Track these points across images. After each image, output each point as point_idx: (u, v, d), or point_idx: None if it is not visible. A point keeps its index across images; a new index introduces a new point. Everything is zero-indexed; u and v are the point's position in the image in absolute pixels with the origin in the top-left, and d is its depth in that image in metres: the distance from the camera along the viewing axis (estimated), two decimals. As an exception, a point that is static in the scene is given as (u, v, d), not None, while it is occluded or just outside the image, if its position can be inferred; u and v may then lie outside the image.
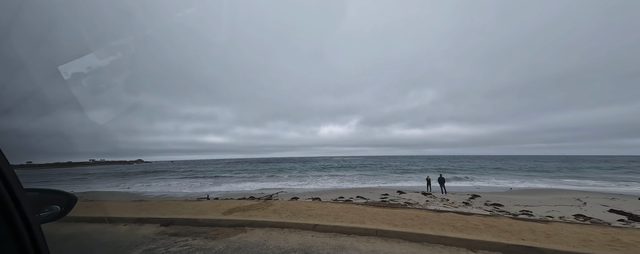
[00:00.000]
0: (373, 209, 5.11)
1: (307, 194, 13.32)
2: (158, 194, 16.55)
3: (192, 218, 4.48)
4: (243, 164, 69.48)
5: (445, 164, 43.55)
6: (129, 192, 17.86)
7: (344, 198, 10.76)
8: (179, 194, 16.04)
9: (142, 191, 18.45)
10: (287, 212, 4.74)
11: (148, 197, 15.50)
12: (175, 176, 32.50)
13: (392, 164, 45.07)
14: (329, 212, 4.68)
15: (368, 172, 28.44)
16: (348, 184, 18.67)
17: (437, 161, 60.52)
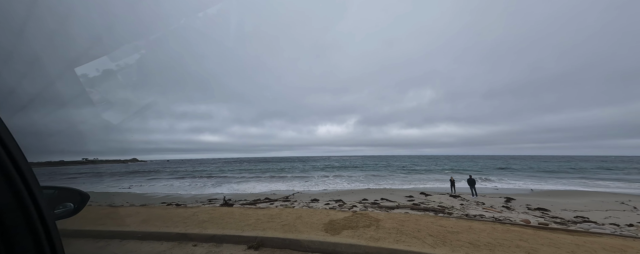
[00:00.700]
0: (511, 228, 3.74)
1: (323, 195, 12.67)
2: (162, 195, 15.68)
3: (292, 238, 3.24)
4: (241, 163, 68.46)
5: (447, 164, 43.52)
6: (130, 192, 16.92)
7: (368, 200, 10.15)
8: (185, 195, 15.22)
9: (143, 191, 17.53)
10: (391, 231, 3.49)
11: (152, 198, 14.63)
12: (174, 175, 31.45)
13: (394, 164, 44.79)
14: (461, 230, 3.49)
15: (374, 172, 27.97)
16: (359, 184, 18.10)
17: (437, 161, 60.64)
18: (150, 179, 27.48)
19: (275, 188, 17.68)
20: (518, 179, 19.39)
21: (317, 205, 9.24)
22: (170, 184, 22.11)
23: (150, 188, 19.41)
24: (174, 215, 4.85)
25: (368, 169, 33.52)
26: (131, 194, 16.39)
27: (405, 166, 40.30)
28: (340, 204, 9.47)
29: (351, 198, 11.13)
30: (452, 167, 33.48)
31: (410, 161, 61.24)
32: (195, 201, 12.99)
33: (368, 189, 15.03)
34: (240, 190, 17.37)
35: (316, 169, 36.75)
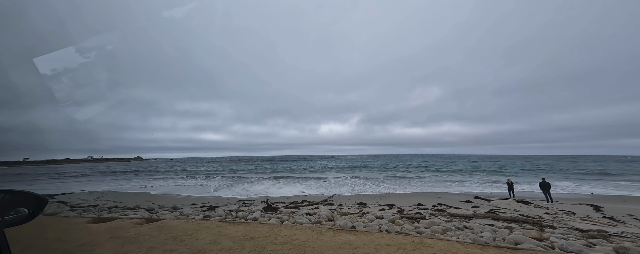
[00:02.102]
0: None
1: (363, 198, 11.65)
2: (182, 196, 14.74)
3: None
4: (245, 162, 67.65)
5: (464, 164, 42.19)
6: (149, 192, 15.97)
7: (425, 206, 9.11)
8: (209, 197, 14.24)
9: (162, 192, 16.58)
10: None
11: (173, 199, 13.69)
12: (185, 175, 30.63)
13: (407, 164, 43.56)
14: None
15: (393, 173, 26.89)
16: (386, 186, 17.09)
17: (452, 161, 59.04)
18: (160, 178, 26.68)
19: (297, 189, 16.71)
20: (558, 181, 18.20)
21: (372, 211, 8.22)
22: (184, 184, 21.24)
23: (167, 188, 18.53)
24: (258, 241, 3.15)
25: (383, 170, 32.43)
26: (150, 194, 15.50)
27: (426, 166, 39.00)
28: (398, 210, 8.44)
29: (402, 202, 10.10)
30: (476, 168, 32.24)
31: (425, 161, 59.78)
32: (225, 202, 12.07)
33: (406, 193, 13.99)
34: (263, 191, 16.42)
35: (328, 169, 35.79)
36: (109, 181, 25.51)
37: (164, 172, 36.67)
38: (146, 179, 26.67)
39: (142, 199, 13.61)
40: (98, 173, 37.08)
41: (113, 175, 33.21)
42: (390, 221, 5.69)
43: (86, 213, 8.31)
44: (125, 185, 21.63)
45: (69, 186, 21.68)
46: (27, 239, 1.99)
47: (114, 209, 9.85)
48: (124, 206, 11.24)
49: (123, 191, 17.26)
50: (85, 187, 19.67)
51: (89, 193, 16.29)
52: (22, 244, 1.91)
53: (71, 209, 10.08)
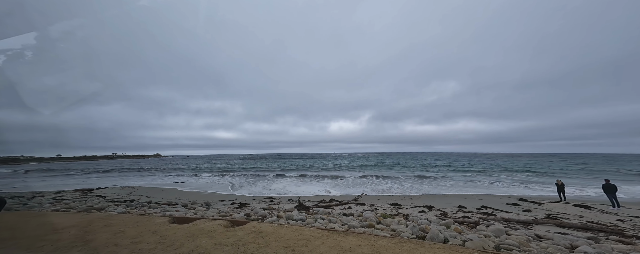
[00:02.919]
0: None
1: (388, 199, 11.13)
2: (209, 192, 14.93)
3: None
4: (258, 160, 68.71)
5: (484, 162, 39.85)
6: (176, 188, 16.39)
7: (467, 209, 8.46)
8: (236, 194, 14.32)
9: (192, 189, 16.97)
10: None
11: (204, 193, 13.90)
12: (205, 172, 31.49)
13: (425, 163, 41.93)
14: None
15: (414, 172, 25.92)
16: (414, 186, 16.37)
17: (468, 159, 56.21)
18: (180, 175, 27.58)
19: (315, 188, 16.45)
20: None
21: (412, 213, 7.73)
22: (207, 182, 21.74)
23: (192, 185, 19.01)
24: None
25: (399, 167, 31.39)
26: (177, 190, 15.92)
27: (447, 164, 37.32)
28: (441, 212, 7.88)
29: (439, 203, 9.50)
30: (501, 167, 30.32)
31: (442, 159, 57.41)
32: (252, 200, 12.04)
33: (437, 195, 13.28)
34: (283, 189, 16.35)
35: (342, 167, 35.32)
36: (136, 177, 26.78)
37: (182, 169, 38.04)
38: (169, 176, 27.71)
39: (172, 195, 13.98)
40: (124, 169, 39.17)
41: (139, 171, 34.89)
42: (445, 226, 5.21)
43: (136, 209, 8.52)
44: (152, 181, 22.54)
45: (103, 181, 22.97)
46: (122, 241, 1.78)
47: (153, 205, 10.12)
48: (158, 201, 11.55)
49: (152, 187, 17.91)
50: (117, 183, 20.70)
51: (121, 188, 17.06)
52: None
53: (111, 203, 10.50)
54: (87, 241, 2.12)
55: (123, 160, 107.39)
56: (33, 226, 2.99)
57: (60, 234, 2.56)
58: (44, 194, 13.58)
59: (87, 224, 3.00)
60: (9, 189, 16.82)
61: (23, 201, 10.39)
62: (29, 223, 3.16)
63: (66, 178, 26.76)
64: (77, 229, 2.72)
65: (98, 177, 27.59)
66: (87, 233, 2.48)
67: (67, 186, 18.46)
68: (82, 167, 46.50)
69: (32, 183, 22.06)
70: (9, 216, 3.62)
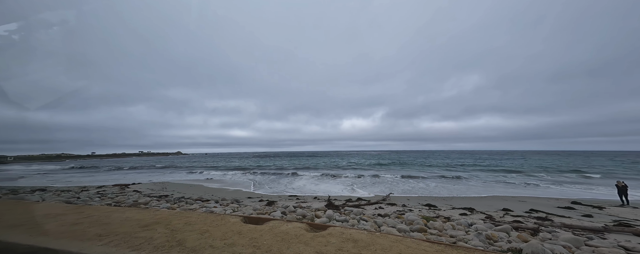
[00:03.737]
0: None
1: (420, 199, 10.61)
2: (238, 188, 15.24)
3: None
4: (272, 158, 69.85)
5: (513, 161, 36.99)
6: (212, 187, 17.01)
7: (513, 212, 7.78)
8: (263, 192, 14.50)
9: (218, 185, 17.51)
10: None
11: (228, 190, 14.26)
12: (225, 169, 32.56)
13: (446, 162, 39.91)
14: None
15: (438, 171, 24.74)
16: (442, 186, 15.57)
17: (493, 157, 52.55)
18: (203, 173, 28.76)
19: (336, 187, 16.21)
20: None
21: (453, 216, 7.24)
22: (230, 179, 22.41)
23: (217, 182, 19.70)
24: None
25: (418, 166, 30.16)
26: (203, 186, 16.52)
27: (473, 163, 35.27)
28: (486, 216, 7.30)
29: (479, 205, 8.87)
30: (543, 166, 27.87)
31: (464, 157, 54.49)
32: (277, 197, 12.14)
33: (475, 196, 12.49)
34: (303, 187, 16.35)
35: (358, 165, 34.75)
36: (164, 174, 28.37)
37: (203, 166, 39.72)
38: (193, 173, 29.06)
39: (200, 191, 14.53)
40: (151, 166, 41.75)
41: (165, 168, 36.96)
42: (505, 233, 4.74)
43: (175, 204, 8.91)
44: (179, 177, 23.74)
45: (136, 177, 24.60)
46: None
47: (188, 200, 10.57)
48: (190, 197, 12.06)
49: (180, 183, 18.82)
50: (149, 179, 22.04)
51: (154, 184, 18.10)
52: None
53: (150, 197, 11.12)
54: (180, 241, 2.00)
55: (148, 157, 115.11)
56: (117, 221, 2.98)
57: (150, 231, 2.48)
58: (89, 189, 14.73)
59: (166, 221, 2.92)
60: (63, 183, 18.57)
61: (76, 195, 11.34)
62: (111, 217, 3.18)
63: (103, 174, 29.05)
64: (162, 227, 2.64)
65: (130, 173, 29.63)
66: (174, 231, 2.38)
67: (106, 182, 19.96)
68: (114, 164, 50.38)
69: (77, 178, 24.19)
70: (90, 210, 3.68)
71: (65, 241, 2.21)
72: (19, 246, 2.16)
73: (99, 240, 2.14)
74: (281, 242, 1.93)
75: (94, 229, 2.46)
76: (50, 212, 3.26)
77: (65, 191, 13.03)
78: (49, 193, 12.39)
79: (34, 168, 40.15)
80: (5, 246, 2.24)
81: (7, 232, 2.53)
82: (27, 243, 2.19)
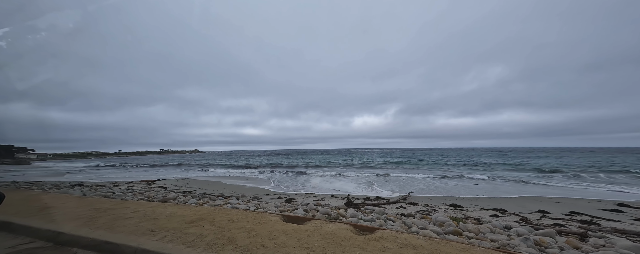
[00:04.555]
0: None
1: (443, 199, 10.16)
2: (255, 185, 15.60)
3: None
4: (284, 156, 70.40)
5: (543, 159, 34.41)
6: (230, 183, 17.58)
7: (551, 214, 7.20)
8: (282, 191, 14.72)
9: (235, 182, 18.01)
10: None
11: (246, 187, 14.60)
12: (240, 167, 33.48)
13: (466, 161, 37.91)
14: None
15: (456, 170, 23.63)
16: (462, 186, 14.84)
17: (518, 155, 49.26)
18: (220, 170, 29.80)
19: (350, 185, 15.99)
20: None
21: (483, 217, 6.84)
22: (246, 176, 22.99)
23: (234, 179, 20.31)
24: None
25: (435, 164, 29.06)
26: (222, 183, 17.09)
27: (498, 162, 33.14)
28: (521, 218, 6.82)
29: (510, 207, 8.33)
30: (577, 165, 25.71)
31: (484, 155, 51.67)
32: (294, 195, 12.26)
33: (504, 198, 11.80)
34: (320, 185, 16.34)
35: (373, 163, 34.14)
36: (184, 170, 29.78)
37: (220, 163, 41.14)
38: (211, 169, 30.23)
39: (220, 187, 15.03)
40: (172, 163, 43.99)
41: (185, 165, 38.75)
42: (551, 238, 4.38)
43: (201, 200, 9.30)
44: (198, 174, 24.82)
45: (159, 173, 26.06)
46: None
47: (211, 196, 11.01)
48: (211, 193, 12.52)
49: (200, 179, 19.62)
50: (172, 175, 23.25)
51: (176, 180, 19.03)
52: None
53: (176, 193, 11.72)
54: (230, 239, 1.98)
55: (168, 155, 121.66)
56: (164, 217, 3.05)
57: (197, 228, 2.49)
58: (119, 184, 15.79)
59: (210, 218, 2.96)
60: (98, 179, 20.15)
61: (109, 190, 12.23)
62: (156, 212, 3.27)
63: (130, 171, 31.07)
64: (207, 224, 2.66)
65: (153, 170, 31.42)
66: (221, 229, 2.39)
67: (133, 178, 21.31)
68: (138, 161, 53.74)
69: (107, 174, 26.10)
70: (135, 205, 3.83)
71: (122, 235, 2.31)
72: (81, 239, 2.31)
73: (153, 235, 2.21)
74: (332, 244, 1.85)
75: (145, 224, 2.55)
76: (101, 206, 3.48)
77: (99, 186, 14.08)
78: (86, 187, 13.45)
79: (77, 165, 43.89)
80: (70, 238, 2.40)
81: (67, 224, 2.71)
82: (89, 236, 2.33)
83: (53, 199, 4.12)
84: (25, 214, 2.92)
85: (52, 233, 2.20)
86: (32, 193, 5.29)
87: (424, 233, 3.68)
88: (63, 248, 2.03)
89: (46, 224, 2.49)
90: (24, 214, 2.91)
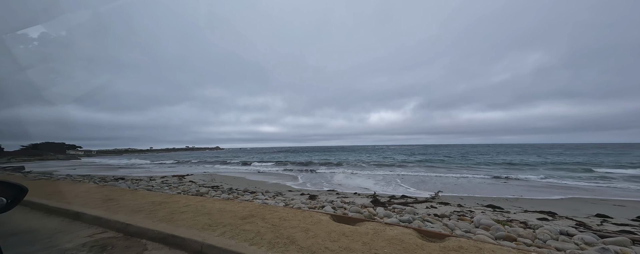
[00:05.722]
0: None
1: (477, 200, 9.43)
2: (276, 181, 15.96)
3: None
4: (300, 153, 71.10)
5: (603, 157, 30.44)
6: (254, 180, 18.25)
7: (610, 219, 6.31)
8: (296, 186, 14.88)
9: (258, 178, 18.56)
10: None
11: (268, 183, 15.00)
12: (261, 163, 34.60)
13: (494, 158, 34.77)
14: None
15: (486, 169, 21.93)
16: (494, 185, 13.76)
17: (565, 151, 44.12)
18: (241, 166, 31.05)
19: (368, 182, 15.61)
20: None
21: (530, 221, 6.21)
22: (267, 172, 23.69)
23: (258, 175, 21.05)
24: None
25: (465, 163, 27.26)
26: (245, 179, 17.76)
27: (540, 159, 30.07)
28: (578, 223, 6.08)
29: (560, 210, 7.50)
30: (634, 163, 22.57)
31: (517, 151, 47.60)
32: (317, 192, 12.33)
33: (553, 199, 10.75)
34: (344, 183, 16.22)
35: (392, 161, 33.10)
36: (209, 166, 31.57)
37: (241, 160, 42.90)
38: (233, 165, 31.69)
39: (243, 183, 15.64)
40: (197, 159, 46.84)
41: (209, 161, 41.06)
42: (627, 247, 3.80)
43: (229, 194, 9.74)
44: (222, 169, 26.15)
45: (188, 169, 27.93)
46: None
47: (239, 191, 11.51)
48: (237, 188, 13.10)
49: (225, 175, 20.65)
50: (199, 170, 24.78)
51: (204, 175, 20.22)
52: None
53: (206, 187, 12.46)
54: (291, 239, 1.89)
55: (193, 152, 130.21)
56: (215, 212, 3.10)
57: (251, 224, 2.46)
58: (155, 178, 17.16)
59: (260, 214, 2.93)
60: (135, 174, 22.22)
61: (148, 184, 13.37)
62: (206, 207, 3.34)
63: (161, 166, 33.71)
64: (260, 220, 2.62)
65: (182, 166, 33.75)
66: (275, 227, 2.33)
67: (165, 173, 23.07)
68: (167, 157, 58.13)
69: (143, 169, 28.59)
70: (184, 200, 3.95)
71: (183, 228, 2.40)
72: (148, 231, 2.45)
73: (212, 230, 2.24)
74: (405, 252, 1.68)
75: (200, 218, 2.63)
76: (155, 199, 3.71)
77: (139, 180, 15.46)
78: (127, 181, 14.85)
79: (118, 161, 48.88)
80: (138, 230, 2.58)
81: (131, 216, 2.91)
82: (155, 229, 2.47)
83: (110, 191, 4.51)
84: (93, 206, 3.24)
85: (121, 224, 2.38)
86: (91, 186, 5.89)
87: (479, 238, 3.38)
88: (133, 238, 2.18)
89: (113, 215, 2.71)
90: (92, 205, 3.22)
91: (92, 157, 73.43)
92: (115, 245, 2.04)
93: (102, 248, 1.99)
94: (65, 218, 2.89)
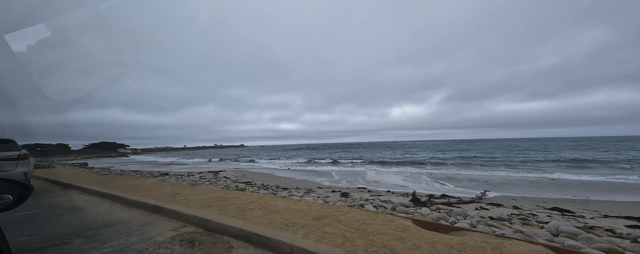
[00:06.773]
0: None
1: (533, 201, 8.29)
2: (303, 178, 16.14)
3: None
4: (322, 150, 70.88)
5: None
6: (282, 176, 18.82)
7: None
8: (339, 185, 14.85)
9: (286, 174, 18.96)
10: None
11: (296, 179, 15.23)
12: (288, 159, 35.54)
13: (541, 156, 30.47)
14: None
15: (532, 167, 19.42)
16: (558, 183, 12.04)
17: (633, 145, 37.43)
18: (267, 162, 32.20)
19: (396, 179, 14.78)
20: None
21: (615, 227, 5.20)
22: (291, 168, 24.19)
23: (285, 171, 21.65)
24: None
25: (507, 161, 24.40)
26: (273, 175, 18.30)
27: (607, 154, 25.71)
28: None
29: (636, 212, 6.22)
30: None
31: (583, 146, 41.41)
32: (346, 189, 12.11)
33: (628, 201, 9.16)
34: (372, 180, 15.77)
35: (416, 157, 31.23)
36: (238, 163, 33.40)
37: (265, 157, 44.59)
38: (258, 162, 33.08)
39: (273, 179, 16.12)
40: (226, 157, 49.93)
41: (237, 158, 43.45)
42: None
43: (265, 190, 10.10)
44: (250, 166, 27.46)
45: (219, 165, 29.93)
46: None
47: (271, 187, 11.94)
48: (268, 184, 13.59)
49: (254, 171, 21.60)
50: (229, 167, 26.34)
51: (235, 171, 21.37)
52: None
53: (242, 183, 13.15)
54: (390, 248, 1.64)
55: (221, 149, 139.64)
56: (283, 210, 3.00)
57: (329, 226, 2.26)
58: (193, 174, 18.60)
59: (333, 215, 2.74)
60: (176, 169, 24.52)
61: (189, 179, 14.59)
62: (270, 205, 3.28)
63: (196, 163, 36.62)
64: (335, 222, 2.43)
65: (213, 163, 36.25)
66: (359, 231, 2.10)
67: (201, 169, 24.98)
68: (199, 155, 63.00)
69: (181, 165, 31.38)
70: (245, 196, 3.96)
71: (262, 227, 2.37)
72: (229, 228, 2.50)
73: (293, 231, 2.15)
74: None
75: (272, 216, 2.57)
76: (216, 195, 3.86)
77: (180, 176, 16.96)
78: (171, 177, 16.37)
79: (159, 159, 54.74)
80: (217, 226, 2.66)
81: (202, 211, 3.02)
82: (234, 226, 2.51)
83: (172, 186, 4.86)
84: (165, 200, 3.49)
85: (200, 220, 2.47)
86: (154, 180, 6.47)
87: (587, 251, 2.83)
88: (215, 234, 2.23)
89: (188, 210, 2.85)
90: (165, 200, 3.48)
91: (138, 155, 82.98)
92: (202, 241, 2.10)
93: (190, 243, 2.07)
94: (145, 211, 3.16)
